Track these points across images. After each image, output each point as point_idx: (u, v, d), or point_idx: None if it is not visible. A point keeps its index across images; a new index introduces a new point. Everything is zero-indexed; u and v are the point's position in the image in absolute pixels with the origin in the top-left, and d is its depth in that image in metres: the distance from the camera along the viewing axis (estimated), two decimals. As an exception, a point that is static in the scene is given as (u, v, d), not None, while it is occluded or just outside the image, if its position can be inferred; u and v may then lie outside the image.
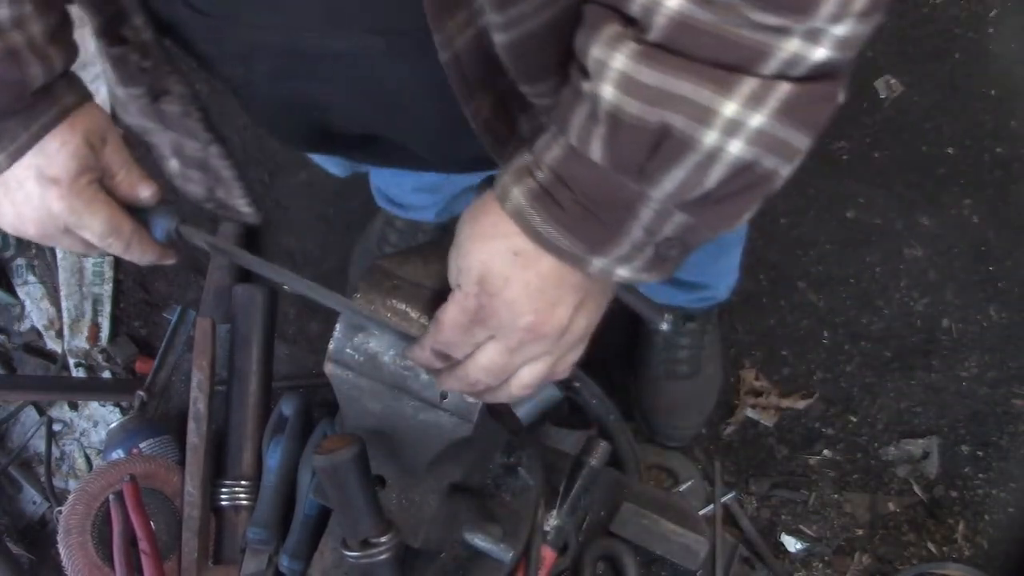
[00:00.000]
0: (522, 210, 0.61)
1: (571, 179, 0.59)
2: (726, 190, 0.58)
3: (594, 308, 0.68)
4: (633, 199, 0.59)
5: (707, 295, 1.56)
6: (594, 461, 1.02)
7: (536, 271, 0.62)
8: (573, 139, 0.59)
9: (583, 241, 0.60)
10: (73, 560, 1.19)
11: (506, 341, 0.65)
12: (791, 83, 0.54)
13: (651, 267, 0.63)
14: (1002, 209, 1.83)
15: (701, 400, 1.74)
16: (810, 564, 1.71)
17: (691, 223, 0.60)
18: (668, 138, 0.55)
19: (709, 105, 0.54)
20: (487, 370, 0.67)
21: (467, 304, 0.65)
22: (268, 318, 1.32)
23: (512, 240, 0.62)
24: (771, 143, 0.56)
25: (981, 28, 1.90)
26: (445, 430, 0.76)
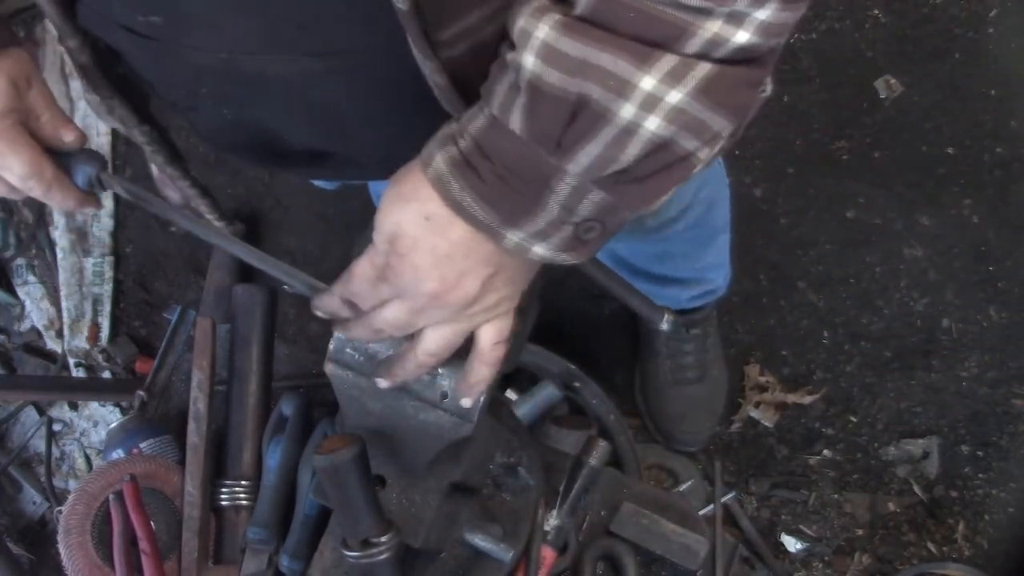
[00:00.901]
0: (442, 176, 0.61)
1: (491, 149, 0.60)
2: (643, 168, 0.58)
3: (508, 284, 0.67)
4: (550, 172, 0.59)
5: (708, 289, 1.56)
6: (594, 461, 1.02)
7: (446, 238, 0.62)
8: (495, 108, 0.59)
9: (498, 212, 0.60)
10: (73, 560, 1.19)
11: (411, 302, 0.66)
12: (712, 63, 0.55)
13: (568, 247, 0.63)
14: (1002, 209, 1.83)
15: (711, 402, 1.75)
16: (810, 564, 1.71)
17: (609, 201, 0.60)
18: (585, 109, 0.56)
19: (627, 78, 0.54)
20: (389, 324, 0.68)
21: (376, 260, 0.66)
22: (268, 318, 1.32)
23: (427, 205, 0.62)
24: (689, 122, 0.56)
25: (981, 28, 1.90)
26: (445, 430, 0.76)
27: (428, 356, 0.69)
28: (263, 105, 0.77)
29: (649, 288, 1.48)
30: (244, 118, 0.80)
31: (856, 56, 1.91)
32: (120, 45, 0.77)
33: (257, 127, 0.81)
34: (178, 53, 0.72)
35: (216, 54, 0.70)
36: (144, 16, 0.70)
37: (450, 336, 0.68)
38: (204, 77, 0.74)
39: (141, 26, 0.71)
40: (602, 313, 1.83)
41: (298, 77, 0.71)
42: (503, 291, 0.67)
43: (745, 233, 1.81)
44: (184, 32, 0.70)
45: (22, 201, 2.02)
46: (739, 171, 1.87)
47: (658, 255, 1.42)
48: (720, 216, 1.40)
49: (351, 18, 0.66)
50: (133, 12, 0.70)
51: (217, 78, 0.73)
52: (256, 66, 0.70)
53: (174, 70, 0.76)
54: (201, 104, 0.80)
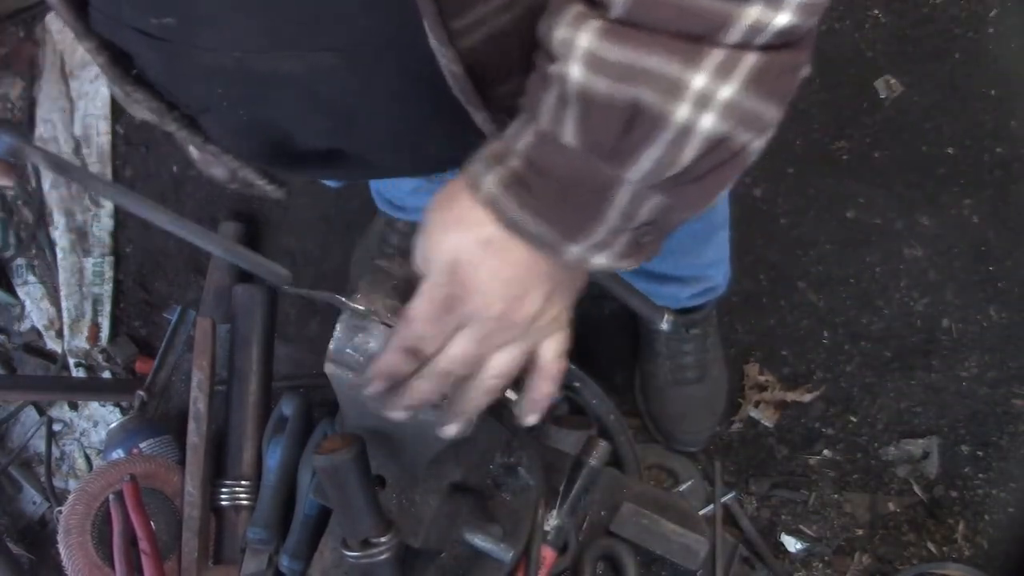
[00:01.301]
0: (495, 198, 0.60)
1: (545, 164, 0.59)
2: (702, 167, 0.57)
3: (566, 296, 0.67)
4: (609, 182, 0.58)
5: (708, 287, 1.56)
6: (594, 461, 1.02)
7: (507, 259, 0.61)
8: (544, 123, 0.58)
9: (558, 228, 0.59)
10: (73, 560, 1.19)
11: (477, 331, 0.65)
12: (757, 52, 0.54)
13: (628, 254, 0.62)
14: (1002, 209, 1.83)
15: (711, 402, 1.75)
16: (810, 564, 1.71)
17: (667, 204, 0.60)
18: (640, 115, 0.55)
19: (678, 78, 0.53)
20: (458, 360, 0.66)
21: (436, 294, 0.64)
22: (268, 318, 1.32)
23: (484, 228, 0.61)
24: (743, 115, 0.55)
25: (981, 28, 1.90)
26: (445, 430, 0.76)
27: (496, 380, 0.68)
28: (276, 105, 0.76)
29: (649, 287, 1.48)
30: (258, 119, 0.80)
31: (856, 56, 1.91)
32: (131, 48, 0.76)
33: (270, 128, 0.81)
34: (190, 55, 0.72)
35: (229, 54, 0.70)
36: (157, 18, 0.69)
37: (517, 356, 0.67)
38: (217, 78, 0.74)
39: (153, 28, 0.71)
40: (602, 313, 1.83)
41: (310, 74, 0.70)
42: (562, 303, 0.67)
43: (745, 233, 1.81)
44: (196, 32, 0.69)
45: (22, 201, 2.02)
46: (739, 171, 1.87)
47: None
48: (720, 211, 1.40)
49: (364, 11, 0.65)
50: (145, 15, 0.70)
51: (230, 79, 0.73)
52: (268, 65, 0.70)
53: (187, 72, 0.75)
54: (215, 106, 0.79)
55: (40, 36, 2.07)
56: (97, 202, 2.00)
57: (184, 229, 0.77)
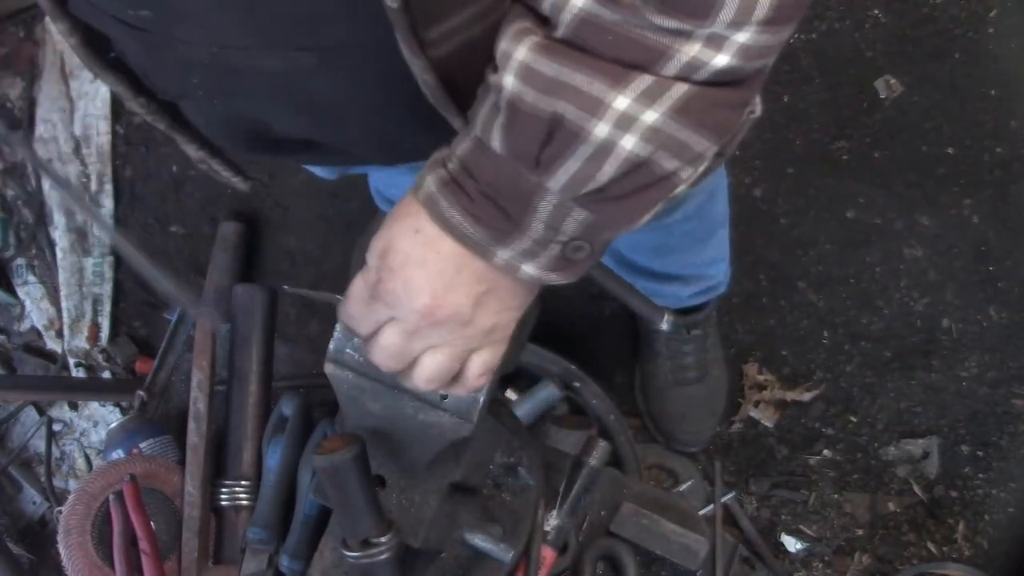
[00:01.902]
0: (431, 196, 0.62)
1: (476, 168, 0.61)
2: (623, 187, 0.59)
3: (501, 305, 0.67)
4: (531, 190, 0.60)
5: (708, 285, 1.56)
6: (594, 461, 1.02)
7: (437, 251, 0.63)
8: (478, 130, 0.61)
9: (486, 230, 0.61)
10: (73, 560, 1.19)
11: (404, 323, 0.65)
12: (691, 84, 0.55)
13: (557, 266, 0.63)
14: (1002, 209, 1.83)
15: (712, 402, 1.75)
16: (810, 564, 1.71)
17: (591, 220, 0.61)
18: (560, 128, 0.56)
19: (600, 97, 0.55)
20: (387, 351, 0.67)
21: (368, 277, 0.66)
22: (268, 318, 1.32)
23: (417, 219, 0.63)
24: (667, 142, 0.56)
25: (981, 28, 1.90)
26: (445, 430, 0.76)
27: (425, 382, 0.69)
28: (254, 98, 0.77)
29: (650, 286, 1.48)
30: (235, 110, 0.80)
31: (856, 56, 1.91)
32: (111, 33, 0.77)
33: (248, 118, 0.81)
34: (169, 45, 0.72)
35: (207, 48, 0.70)
36: (134, 10, 0.70)
37: (444, 362, 0.67)
38: (195, 69, 0.74)
39: (131, 18, 0.71)
40: (602, 313, 1.83)
41: (289, 72, 0.71)
42: (497, 316, 0.67)
43: (745, 233, 1.82)
44: (174, 26, 0.70)
45: (22, 201, 2.02)
46: (739, 171, 1.87)
47: (657, 249, 1.42)
48: (719, 208, 1.41)
49: (342, 14, 0.66)
50: (123, 5, 0.70)
51: (207, 71, 0.74)
52: (246, 61, 0.70)
53: (164, 61, 0.76)
54: (192, 94, 0.80)
55: (40, 36, 2.07)
56: (97, 202, 2.00)
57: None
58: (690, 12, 0.53)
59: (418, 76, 0.66)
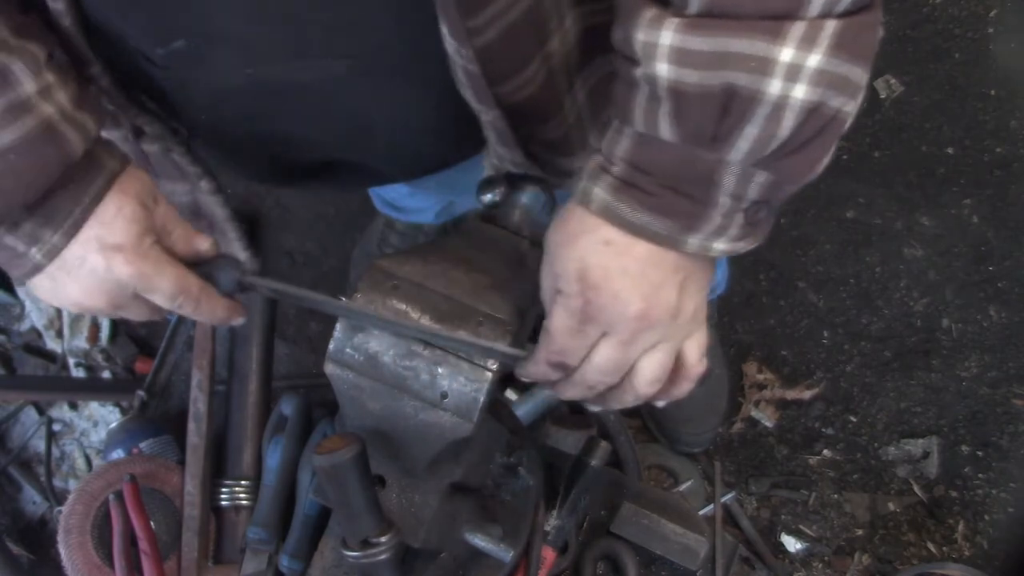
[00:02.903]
0: (608, 205, 0.62)
1: (648, 164, 0.60)
2: (801, 137, 0.58)
3: (698, 287, 0.67)
4: (713, 168, 0.59)
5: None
6: (594, 461, 1.02)
7: (632, 256, 0.62)
8: (639, 126, 0.60)
9: (675, 220, 0.61)
10: (73, 560, 1.19)
11: (619, 335, 0.65)
12: (836, 19, 0.55)
13: (744, 234, 0.63)
14: (1002, 209, 1.83)
15: (714, 402, 1.74)
16: (810, 564, 1.71)
17: (773, 179, 0.61)
18: (735, 97, 0.56)
19: (766, 55, 0.55)
20: (604, 369, 0.67)
21: (572, 304, 0.65)
22: (268, 318, 1.32)
23: (601, 232, 0.62)
24: (833, 80, 0.56)
25: (981, 28, 1.90)
26: (445, 430, 0.76)
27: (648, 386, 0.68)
28: (288, 116, 0.77)
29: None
30: (262, 134, 0.80)
31: None
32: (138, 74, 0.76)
33: (274, 142, 0.81)
34: (199, 77, 0.72)
35: (242, 69, 0.70)
36: (165, 46, 0.69)
37: (664, 358, 0.67)
38: (227, 96, 0.74)
39: (160, 58, 0.71)
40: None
41: (326, 82, 0.71)
42: (696, 298, 0.67)
43: (745, 233, 1.81)
44: (209, 52, 0.70)
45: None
46: (739, 171, 1.87)
47: None
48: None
49: (385, 16, 0.66)
50: (153, 42, 0.70)
51: (241, 95, 0.74)
52: (284, 75, 0.70)
53: (195, 95, 0.75)
54: (221, 125, 0.79)
55: (40, 36, 2.07)
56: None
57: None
58: None
59: (462, 68, 0.65)
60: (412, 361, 0.75)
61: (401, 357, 0.75)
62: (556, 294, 0.66)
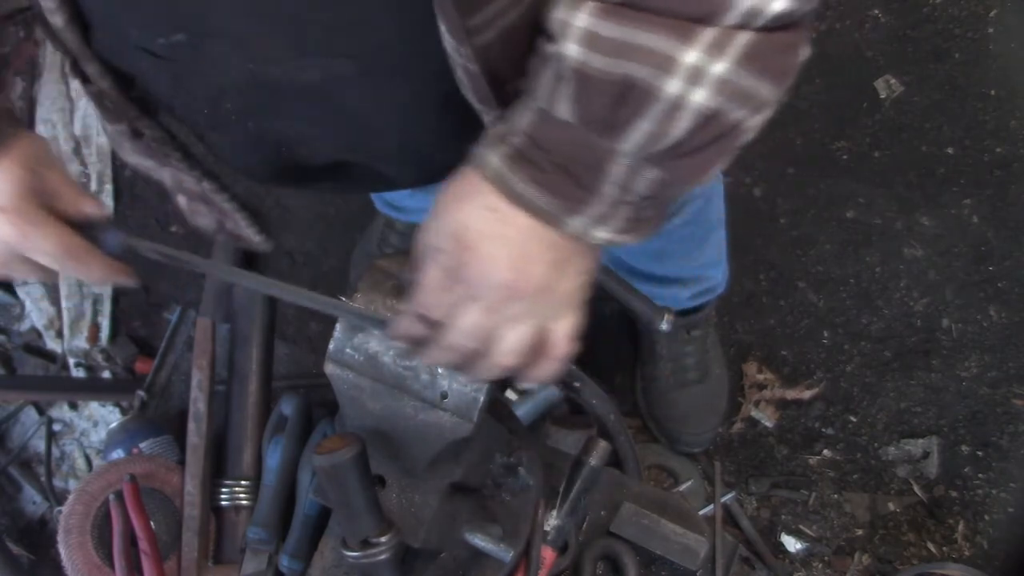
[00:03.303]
0: (500, 173, 0.62)
1: (544, 140, 0.61)
2: (695, 141, 0.59)
3: (576, 270, 0.67)
4: (604, 155, 0.60)
5: (708, 286, 1.57)
6: (594, 461, 1.02)
7: (512, 226, 0.63)
8: (542, 101, 0.61)
9: (560, 199, 0.61)
10: (73, 560, 1.19)
11: (485, 300, 0.65)
12: (752, 32, 0.56)
13: (629, 228, 0.64)
14: (1002, 209, 1.83)
15: (714, 402, 1.74)
16: (810, 564, 1.71)
17: (663, 178, 0.61)
18: (632, 89, 0.57)
19: (670, 53, 0.55)
20: (469, 333, 0.67)
21: (445, 262, 0.65)
22: (268, 318, 1.32)
23: (488, 198, 0.63)
24: (736, 91, 0.57)
25: (981, 28, 1.90)
26: (445, 430, 0.76)
27: (507, 357, 0.68)
28: (290, 116, 0.77)
29: (649, 289, 1.48)
30: (269, 131, 0.80)
31: (856, 56, 1.91)
32: (136, 69, 0.76)
33: (279, 142, 0.81)
34: (200, 71, 0.72)
35: (243, 66, 0.70)
36: (166, 37, 0.70)
37: (528, 332, 0.67)
38: (228, 92, 0.74)
39: (161, 48, 0.71)
40: (602, 313, 1.83)
41: (327, 82, 0.71)
42: (572, 280, 0.67)
43: (745, 233, 1.81)
44: (208, 47, 0.70)
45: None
46: (739, 171, 1.87)
47: (656, 253, 1.42)
48: (716, 211, 1.41)
49: (385, 15, 0.66)
50: (154, 33, 0.70)
51: (242, 92, 0.74)
52: (285, 74, 0.71)
53: (196, 89, 0.75)
54: (223, 121, 0.79)
55: (40, 36, 2.07)
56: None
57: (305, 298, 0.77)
58: None
59: (461, 67, 0.66)
60: (412, 361, 0.75)
61: (401, 357, 0.76)
62: (433, 250, 0.66)
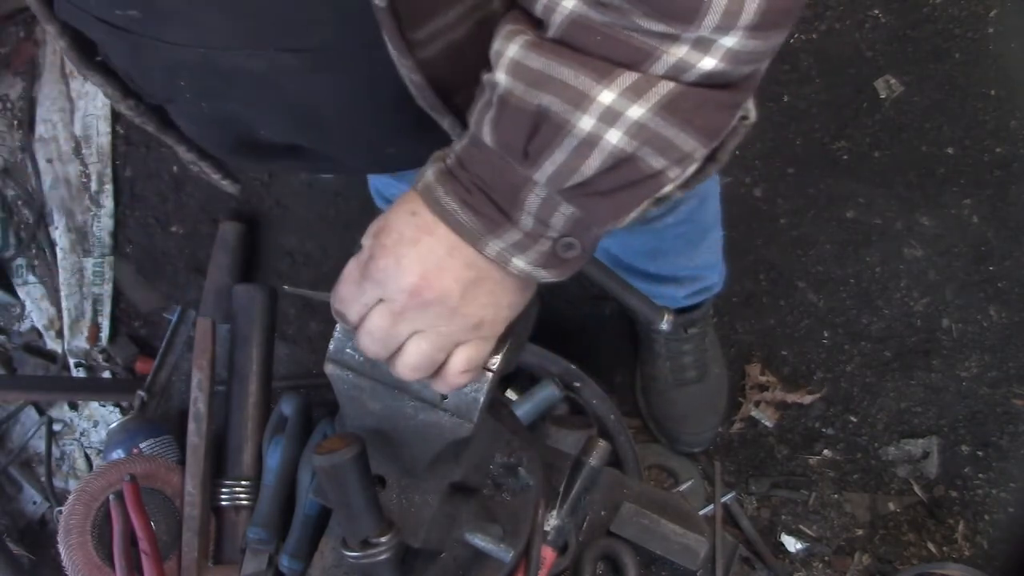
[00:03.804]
0: (429, 185, 0.64)
1: (470, 161, 0.63)
2: (608, 182, 0.59)
3: (491, 299, 0.66)
4: (520, 182, 0.61)
5: (704, 286, 1.57)
6: (594, 461, 1.02)
7: (431, 235, 0.64)
8: (472, 126, 0.62)
9: (479, 218, 0.62)
10: (73, 560, 1.19)
11: (391, 304, 0.65)
12: (678, 83, 0.56)
13: (547, 262, 0.64)
14: (1002, 209, 1.83)
15: (714, 401, 1.74)
16: (810, 564, 1.71)
17: (579, 216, 0.62)
18: (546, 120, 0.58)
19: (585, 91, 0.56)
20: (373, 335, 0.67)
21: (361, 256, 0.66)
22: (268, 318, 1.32)
23: (414, 204, 0.64)
24: (653, 139, 0.57)
25: (981, 28, 1.90)
26: (445, 430, 0.76)
27: (408, 369, 0.68)
28: (240, 100, 0.77)
29: (645, 287, 1.48)
30: (221, 112, 0.80)
31: (856, 56, 1.91)
32: (96, 36, 0.77)
33: (234, 120, 0.81)
34: (155, 47, 0.72)
35: (194, 49, 0.71)
36: (121, 10, 0.70)
37: (428, 349, 0.67)
38: (181, 71, 0.75)
39: (118, 19, 0.72)
40: (602, 313, 1.83)
41: (275, 73, 0.71)
42: (485, 309, 0.66)
43: (745, 233, 1.82)
44: (161, 26, 0.70)
45: (22, 201, 2.02)
46: (739, 171, 1.87)
47: (650, 252, 1.42)
48: (711, 212, 1.41)
49: (328, 15, 0.66)
50: (110, 5, 0.70)
51: (194, 72, 0.74)
52: (232, 61, 0.71)
53: (151, 63, 0.76)
54: (179, 97, 0.80)
55: (40, 36, 2.07)
56: (97, 202, 2.00)
57: None
58: (676, 16, 0.54)
59: (406, 76, 0.66)
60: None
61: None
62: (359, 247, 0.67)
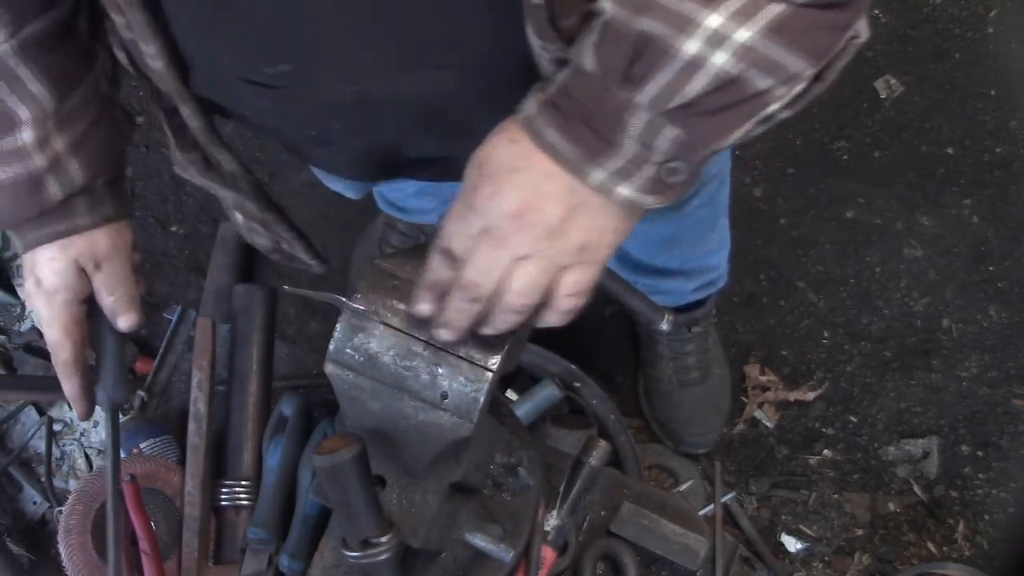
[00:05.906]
0: (529, 116, 0.64)
1: (571, 89, 0.63)
2: (714, 102, 0.59)
3: (594, 224, 0.66)
4: (622, 107, 0.61)
5: (711, 278, 1.57)
6: (594, 461, 1.02)
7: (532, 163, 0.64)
8: (573, 53, 0.63)
9: (580, 147, 0.62)
10: (73, 560, 1.19)
11: (495, 231, 0.65)
12: (787, 4, 0.56)
13: (653, 188, 0.64)
14: (1002, 209, 1.83)
15: (717, 402, 1.74)
16: (810, 564, 1.71)
17: (683, 138, 0.62)
18: (649, 44, 0.58)
19: (691, 16, 0.56)
20: (478, 266, 0.67)
21: (465, 189, 0.67)
22: (268, 318, 1.32)
23: (515, 135, 0.64)
24: (760, 60, 0.57)
25: (981, 28, 1.90)
26: (445, 430, 0.76)
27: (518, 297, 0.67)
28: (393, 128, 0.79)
29: (654, 283, 1.49)
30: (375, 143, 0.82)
31: (856, 56, 1.90)
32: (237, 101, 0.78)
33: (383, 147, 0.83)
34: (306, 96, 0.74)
35: (348, 87, 0.72)
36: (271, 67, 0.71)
37: (535, 273, 0.66)
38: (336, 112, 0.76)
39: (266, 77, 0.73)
40: (603, 314, 1.83)
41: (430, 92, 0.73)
42: (588, 234, 0.66)
43: (745, 233, 1.81)
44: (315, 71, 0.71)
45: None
46: (739, 171, 1.87)
47: (667, 241, 1.42)
48: (725, 195, 1.42)
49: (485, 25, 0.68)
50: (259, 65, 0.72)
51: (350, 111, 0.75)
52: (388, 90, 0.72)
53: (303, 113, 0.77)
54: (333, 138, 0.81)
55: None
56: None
57: None
58: None
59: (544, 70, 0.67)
60: (412, 361, 0.75)
61: (401, 357, 0.75)
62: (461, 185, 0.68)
